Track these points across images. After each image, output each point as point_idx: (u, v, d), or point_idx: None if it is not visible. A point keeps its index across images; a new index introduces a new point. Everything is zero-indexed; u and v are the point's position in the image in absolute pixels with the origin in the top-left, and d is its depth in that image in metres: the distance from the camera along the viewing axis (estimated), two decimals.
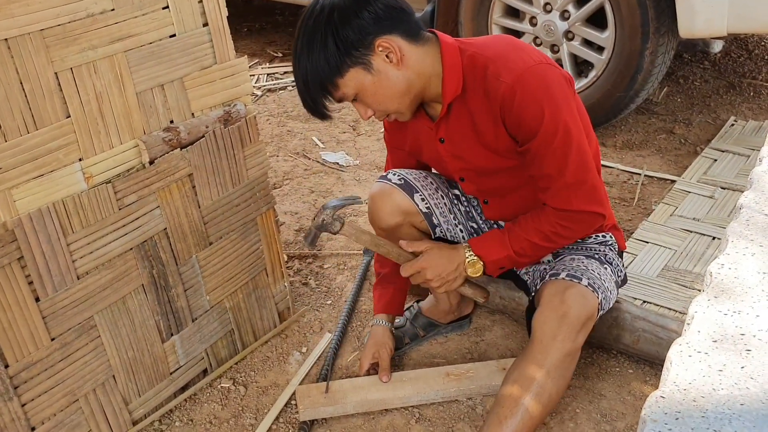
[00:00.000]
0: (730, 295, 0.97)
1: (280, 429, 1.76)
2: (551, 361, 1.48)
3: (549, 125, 1.44)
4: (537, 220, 1.57)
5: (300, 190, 2.85)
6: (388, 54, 1.46)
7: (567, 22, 2.90)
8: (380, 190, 1.77)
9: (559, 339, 1.49)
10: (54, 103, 1.41)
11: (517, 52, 1.48)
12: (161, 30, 1.57)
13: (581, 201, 1.52)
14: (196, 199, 1.73)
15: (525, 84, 1.43)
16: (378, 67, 1.46)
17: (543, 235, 1.57)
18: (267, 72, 4.08)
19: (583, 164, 1.50)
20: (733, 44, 3.92)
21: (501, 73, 1.45)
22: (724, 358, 0.86)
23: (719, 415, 0.78)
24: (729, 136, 2.98)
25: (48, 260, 1.46)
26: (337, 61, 1.44)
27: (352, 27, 1.43)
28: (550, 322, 1.50)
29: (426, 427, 1.73)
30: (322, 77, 1.46)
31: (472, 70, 1.50)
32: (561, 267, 1.62)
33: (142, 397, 1.75)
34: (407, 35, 1.48)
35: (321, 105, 1.52)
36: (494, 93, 1.47)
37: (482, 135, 1.56)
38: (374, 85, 1.48)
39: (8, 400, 1.46)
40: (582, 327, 1.51)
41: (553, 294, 1.53)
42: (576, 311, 1.50)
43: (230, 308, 1.92)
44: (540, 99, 1.43)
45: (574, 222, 1.55)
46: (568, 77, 1.51)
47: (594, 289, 1.55)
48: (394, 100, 1.51)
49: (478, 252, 1.62)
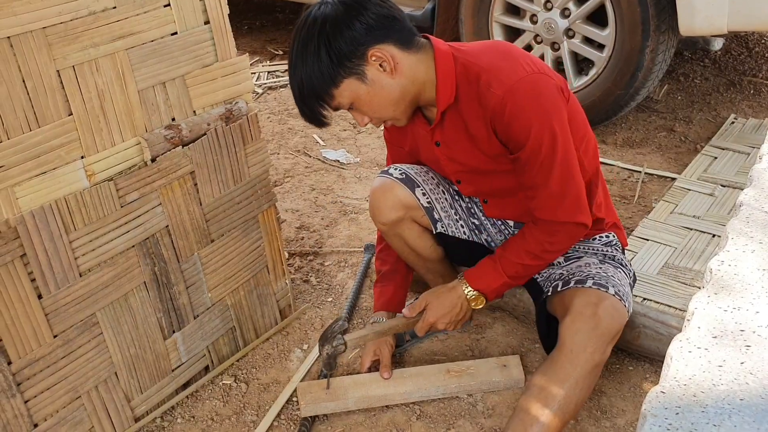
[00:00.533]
0: (729, 291, 0.97)
1: (282, 426, 1.77)
2: (580, 372, 1.48)
3: (537, 137, 1.46)
4: (524, 242, 1.61)
5: (301, 188, 2.85)
6: (382, 63, 1.47)
7: (567, 19, 2.91)
8: (381, 185, 1.77)
9: (589, 351, 1.48)
10: (56, 100, 1.41)
11: (509, 61, 1.48)
12: (163, 28, 1.57)
13: (565, 212, 1.55)
14: (198, 197, 1.74)
15: (515, 96, 1.44)
16: (372, 76, 1.48)
17: (532, 255, 1.60)
18: (268, 70, 4.08)
19: (567, 175, 1.51)
20: (733, 42, 3.92)
21: (492, 83, 1.46)
22: (724, 353, 0.87)
23: (719, 410, 0.79)
24: (729, 134, 2.98)
25: (50, 257, 1.47)
26: (331, 72, 1.45)
27: (344, 38, 1.44)
28: (582, 333, 1.49)
29: (427, 423, 1.74)
30: (317, 88, 1.48)
31: (466, 77, 1.52)
32: (582, 274, 1.62)
33: (144, 394, 1.76)
34: (400, 43, 1.49)
35: (318, 114, 1.53)
36: (485, 103, 1.48)
37: (476, 140, 1.58)
38: (369, 94, 1.49)
39: (11, 397, 1.47)
40: (612, 339, 1.52)
41: (585, 305, 1.52)
42: (608, 323, 1.50)
43: (232, 305, 1.92)
44: (529, 112, 1.45)
45: (558, 235, 1.57)
46: (560, 85, 1.52)
47: (621, 298, 1.56)
48: (389, 107, 1.53)
49: (475, 286, 1.66)
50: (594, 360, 1.49)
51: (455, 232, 1.82)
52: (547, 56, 3.02)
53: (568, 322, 1.52)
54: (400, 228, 1.78)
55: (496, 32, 3.11)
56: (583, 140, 1.61)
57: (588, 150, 1.64)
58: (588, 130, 1.65)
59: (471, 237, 1.83)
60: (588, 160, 1.64)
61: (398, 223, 1.77)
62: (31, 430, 1.53)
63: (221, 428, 1.77)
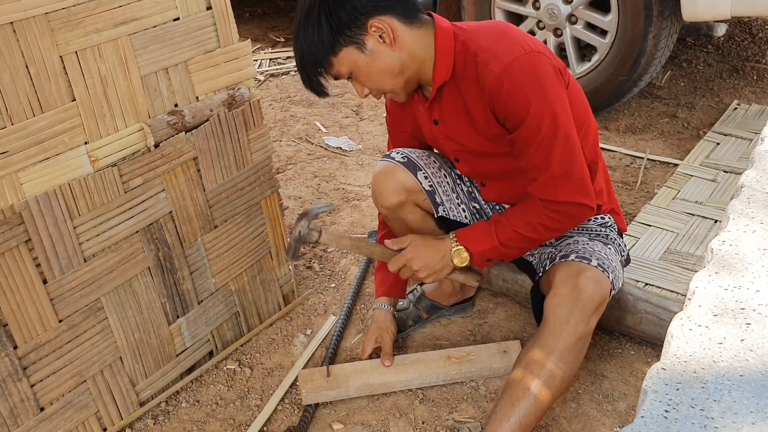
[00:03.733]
0: (730, 270, 0.98)
1: (286, 410, 1.78)
2: (564, 344, 1.49)
3: (535, 115, 1.45)
4: (524, 212, 1.58)
5: (303, 175, 2.86)
6: (381, 35, 1.48)
7: (570, 5, 2.90)
8: (384, 169, 1.78)
9: (571, 323, 1.49)
10: (59, 86, 1.42)
11: (507, 40, 1.48)
12: (165, 13, 1.57)
13: (568, 192, 1.52)
14: (201, 183, 1.75)
15: (512, 74, 1.44)
16: (371, 47, 1.48)
17: (530, 227, 1.56)
18: (269, 57, 4.08)
19: (570, 155, 1.50)
20: (736, 28, 3.91)
21: (490, 61, 1.46)
22: (725, 331, 0.87)
23: (719, 385, 0.79)
24: (732, 120, 2.98)
25: (55, 243, 1.47)
26: (330, 40, 1.47)
27: (345, 7, 1.45)
28: (563, 305, 1.50)
29: (429, 408, 1.75)
30: (316, 55, 1.49)
31: (464, 56, 1.52)
32: (569, 249, 1.63)
33: (149, 379, 1.77)
34: (403, 17, 1.50)
35: (317, 82, 1.54)
36: (483, 81, 1.48)
37: (474, 120, 1.58)
38: (368, 64, 1.50)
39: (17, 381, 1.48)
40: (595, 310, 1.52)
41: (566, 277, 1.53)
42: (589, 294, 1.50)
43: (235, 291, 1.93)
44: (526, 89, 1.44)
45: (561, 214, 1.54)
46: (559, 66, 1.52)
47: (604, 269, 1.56)
48: (388, 79, 1.53)
49: (463, 242, 1.63)
50: (578, 332, 1.49)
51: (457, 215, 1.82)
52: (549, 42, 3.01)
53: (551, 296, 1.54)
54: (403, 212, 1.78)
55: (498, 18, 3.10)
56: (582, 127, 1.59)
57: (588, 137, 1.62)
58: (589, 118, 1.64)
59: (472, 221, 1.84)
60: (587, 148, 1.61)
61: (400, 206, 1.78)
62: (38, 413, 1.54)
63: (225, 412, 1.79)
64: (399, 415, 1.74)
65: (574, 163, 1.51)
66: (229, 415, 1.78)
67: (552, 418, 1.69)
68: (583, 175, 1.53)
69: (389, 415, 1.74)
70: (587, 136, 1.62)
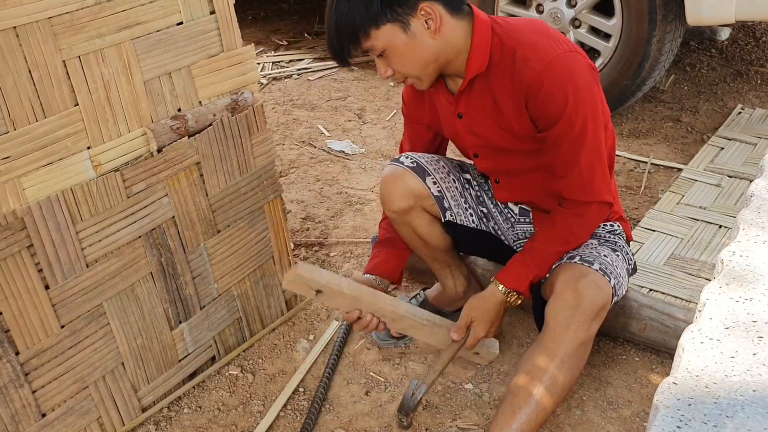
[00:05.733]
0: (741, 282, 0.97)
1: (288, 416, 1.77)
2: (564, 350, 1.48)
3: (571, 114, 1.46)
4: (553, 229, 1.61)
5: (306, 179, 2.85)
6: (428, 20, 1.46)
7: (574, 9, 2.89)
8: (392, 173, 1.77)
9: (572, 329, 1.48)
10: (62, 91, 1.41)
11: (547, 38, 1.49)
12: (168, 18, 1.57)
13: (595, 191, 1.56)
14: (204, 187, 1.74)
15: (553, 71, 1.45)
16: (414, 29, 1.46)
17: (562, 241, 1.61)
18: (272, 60, 4.07)
19: (598, 154, 1.53)
20: (740, 32, 3.90)
21: (530, 58, 1.46)
22: (736, 345, 0.86)
23: (732, 401, 0.78)
24: (736, 125, 2.97)
25: (57, 248, 1.46)
26: (377, 11, 1.44)
27: None
28: (564, 311, 1.50)
29: (433, 414, 1.74)
30: (357, 22, 1.45)
31: (500, 50, 1.52)
32: (574, 251, 1.63)
33: (151, 384, 1.76)
34: (449, 5, 1.49)
35: (347, 51, 1.51)
36: (520, 77, 1.48)
37: (502, 116, 1.57)
38: (405, 46, 1.48)
39: (19, 387, 1.47)
40: (596, 316, 1.51)
41: (567, 283, 1.53)
42: (589, 300, 1.50)
43: (238, 296, 1.92)
44: (566, 87, 1.45)
45: (587, 215, 1.58)
46: (593, 66, 1.54)
47: (605, 274, 1.56)
48: (419, 66, 1.51)
49: (510, 286, 1.63)
50: (578, 338, 1.49)
51: (464, 220, 1.81)
52: None
53: (551, 301, 1.54)
54: (410, 216, 1.77)
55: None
56: (606, 128, 1.62)
57: (608, 138, 1.64)
58: (609, 122, 1.64)
59: (479, 225, 1.83)
60: (607, 147, 1.64)
61: (408, 211, 1.77)
62: (39, 419, 1.53)
63: (227, 418, 1.77)
64: None
65: (599, 162, 1.54)
66: (231, 421, 1.77)
67: (556, 425, 1.68)
68: (605, 172, 1.57)
69: (392, 421, 1.73)
70: (607, 137, 1.63)
